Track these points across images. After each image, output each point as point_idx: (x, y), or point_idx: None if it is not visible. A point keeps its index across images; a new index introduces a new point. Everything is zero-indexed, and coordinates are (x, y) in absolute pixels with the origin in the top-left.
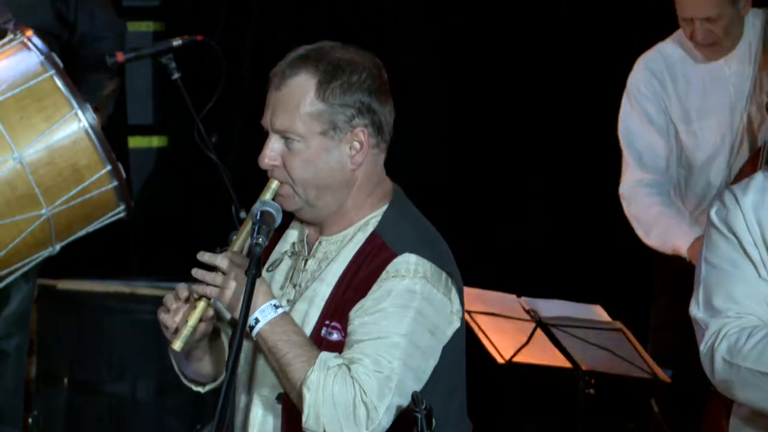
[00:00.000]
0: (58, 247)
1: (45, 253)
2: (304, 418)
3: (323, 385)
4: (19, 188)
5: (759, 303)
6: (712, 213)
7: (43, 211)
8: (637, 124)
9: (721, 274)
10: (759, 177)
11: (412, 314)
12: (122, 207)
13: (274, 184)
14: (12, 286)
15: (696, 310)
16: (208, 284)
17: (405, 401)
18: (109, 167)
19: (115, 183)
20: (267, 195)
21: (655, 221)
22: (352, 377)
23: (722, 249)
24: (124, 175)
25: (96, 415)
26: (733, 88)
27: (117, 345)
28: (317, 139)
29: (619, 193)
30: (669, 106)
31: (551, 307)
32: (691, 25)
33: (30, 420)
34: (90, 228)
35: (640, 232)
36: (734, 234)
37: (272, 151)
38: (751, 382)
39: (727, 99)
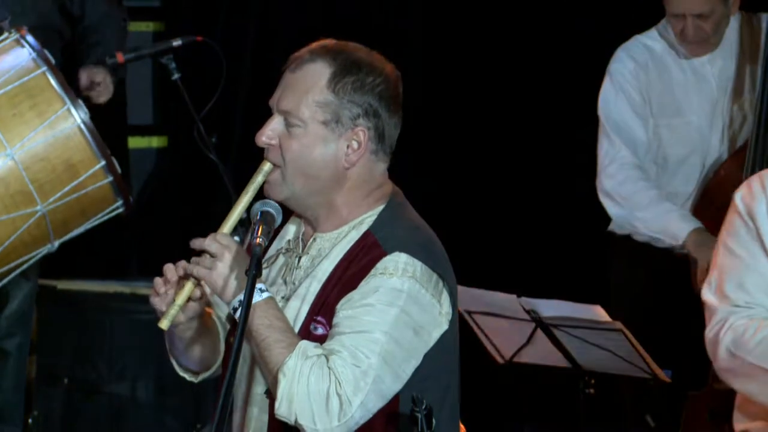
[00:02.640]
0: (56, 243)
1: (43, 250)
2: (276, 404)
3: (300, 373)
4: (12, 185)
5: None
6: (737, 197)
7: (38, 207)
8: (623, 111)
9: (737, 261)
10: None
11: (396, 312)
12: (120, 202)
13: (266, 167)
14: (13, 286)
15: (708, 293)
16: (196, 266)
17: (382, 400)
18: (103, 162)
19: (111, 178)
20: (258, 177)
21: (649, 205)
22: (329, 368)
23: (742, 236)
24: (119, 170)
25: (96, 415)
26: (716, 86)
27: (117, 345)
28: (318, 127)
29: (605, 173)
30: (652, 97)
31: (551, 307)
32: (681, 21)
33: (30, 420)
34: (88, 224)
35: (620, 212)
36: (755, 224)
37: (272, 130)
38: (752, 376)
39: (709, 97)
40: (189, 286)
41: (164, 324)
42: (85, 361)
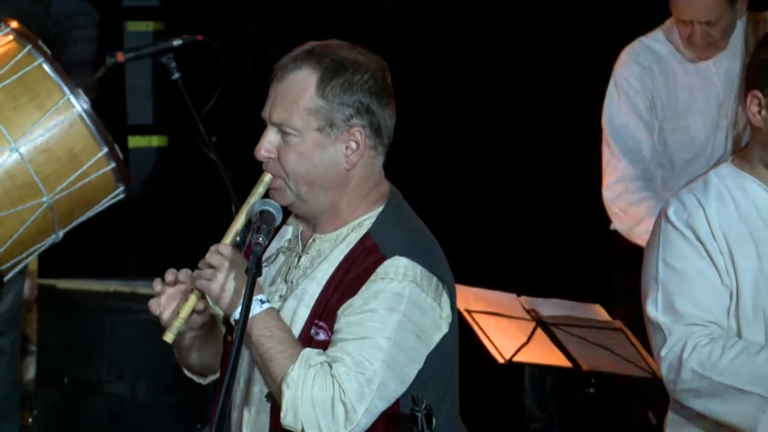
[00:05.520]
0: (61, 233)
1: (48, 241)
2: (282, 414)
3: (303, 383)
4: (18, 178)
5: (722, 310)
6: (671, 213)
7: (44, 198)
8: (626, 118)
9: (683, 277)
10: (713, 178)
11: (399, 317)
12: (121, 188)
13: (267, 177)
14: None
15: (654, 311)
16: (198, 278)
17: (386, 404)
18: (105, 149)
19: (113, 164)
20: (260, 188)
21: (646, 216)
22: (332, 376)
23: (685, 253)
24: (121, 156)
25: (96, 415)
26: (721, 87)
27: (117, 345)
28: (313, 134)
29: (605, 184)
30: (657, 100)
31: (551, 307)
32: (689, 27)
33: (30, 419)
34: (91, 212)
35: (621, 225)
36: (699, 240)
37: (269, 143)
38: (720, 395)
39: (715, 98)
40: (192, 298)
41: (169, 337)
42: (85, 360)
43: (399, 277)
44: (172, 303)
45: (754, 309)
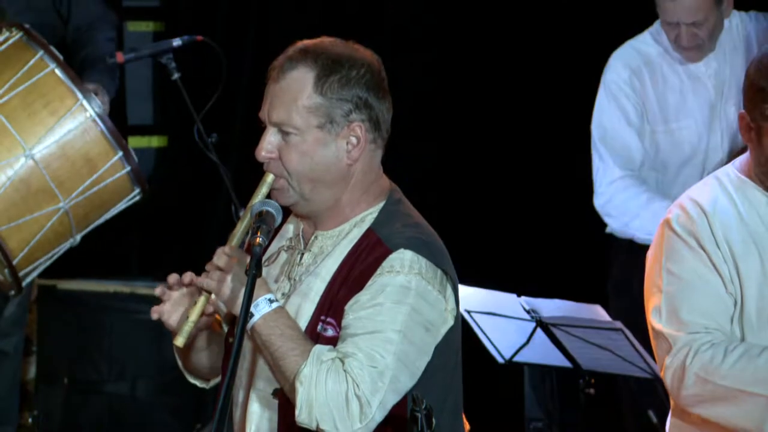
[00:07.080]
0: (78, 237)
1: (66, 246)
2: (297, 412)
3: (316, 379)
4: (34, 185)
5: (726, 318)
6: (673, 220)
7: (61, 204)
8: (615, 123)
9: (687, 286)
10: (715, 184)
11: (407, 310)
12: (137, 191)
13: (269, 178)
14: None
15: (658, 320)
16: (206, 280)
17: (398, 397)
18: (120, 153)
19: (128, 168)
20: (263, 189)
21: (643, 209)
22: (345, 371)
23: (689, 261)
24: (135, 159)
25: (96, 415)
26: (712, 88)
27: (117, 345)
28: (314, 132)
29: (595, 191)
30: (647, 104)
31: (551, 307)
32: (676, 29)
33: (30, 420)
34: (107, 215)
35: (617, 223)
36: (703, 248)
37: (269, 144)
38: (725, 399)
39: (706, 99)
40: (202, 301)
41: (180, 341)
42: (85, 360)
43: (405, 270)
44: (178, 308)
45: (758, 316)
